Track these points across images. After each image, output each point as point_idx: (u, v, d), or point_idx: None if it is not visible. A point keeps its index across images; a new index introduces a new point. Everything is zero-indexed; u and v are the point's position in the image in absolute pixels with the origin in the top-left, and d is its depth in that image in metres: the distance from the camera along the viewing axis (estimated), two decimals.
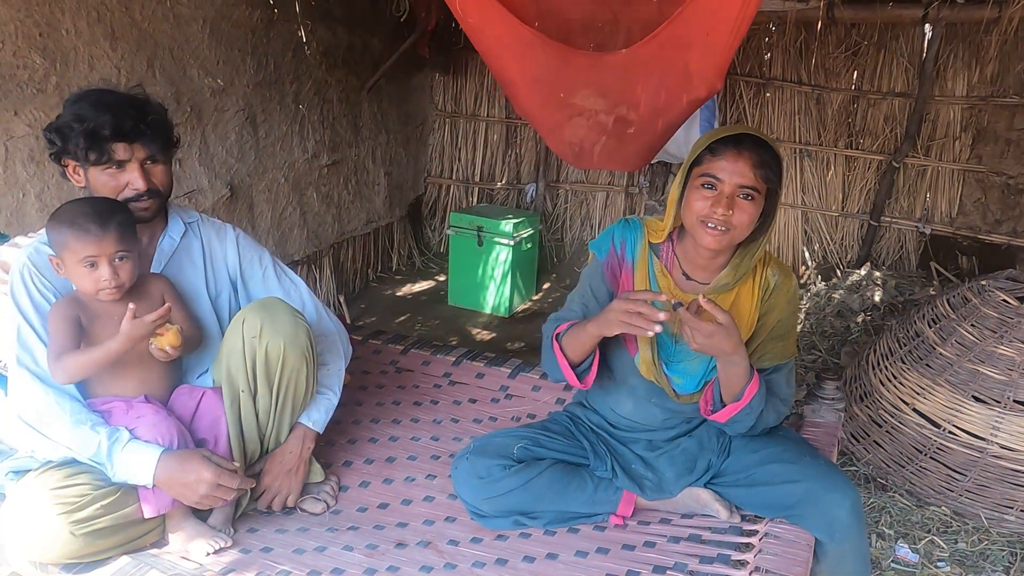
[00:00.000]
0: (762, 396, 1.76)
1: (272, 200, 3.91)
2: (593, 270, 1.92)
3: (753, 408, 1.75)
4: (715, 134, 1.71)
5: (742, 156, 1.66)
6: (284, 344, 1.77)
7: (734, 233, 1.70)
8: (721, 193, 1.67)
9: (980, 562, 2.48)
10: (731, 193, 1.67)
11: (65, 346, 1.65)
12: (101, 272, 1.65)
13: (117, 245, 1.65)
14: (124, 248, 1.67)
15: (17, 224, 2.65)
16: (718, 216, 1.67)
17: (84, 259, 1.64)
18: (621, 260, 1.88)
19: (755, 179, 1.67)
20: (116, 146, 1.71)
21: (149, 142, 1.75)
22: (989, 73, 4.00)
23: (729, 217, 1.66)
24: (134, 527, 1.66)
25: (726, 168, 1.67)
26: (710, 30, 2.44)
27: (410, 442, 2.25)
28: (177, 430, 1.71)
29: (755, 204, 1.69)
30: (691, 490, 1.86)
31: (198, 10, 3.28)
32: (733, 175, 1.66)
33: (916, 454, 2.80)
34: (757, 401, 1.75)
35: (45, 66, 2.67)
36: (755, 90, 4.50)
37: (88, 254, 1.64)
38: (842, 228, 4.58)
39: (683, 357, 1.86)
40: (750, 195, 1.67)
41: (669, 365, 1.86)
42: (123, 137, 1.71)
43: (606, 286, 1.90)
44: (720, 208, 1.66)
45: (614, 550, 1.75)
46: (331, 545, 1.77)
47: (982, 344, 2.78)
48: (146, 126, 1.74)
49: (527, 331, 4.35)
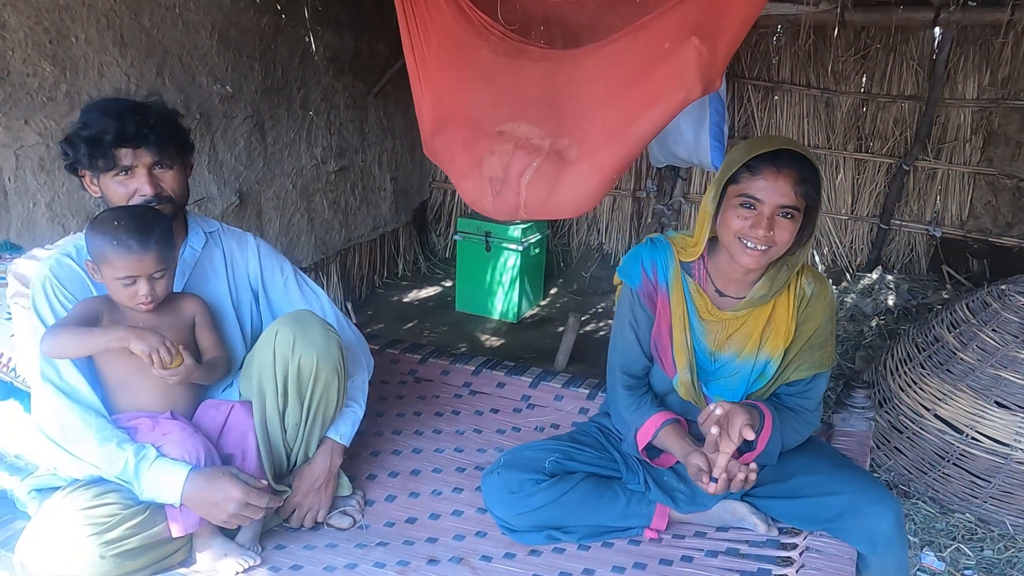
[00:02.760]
0: (777, 436, 1.75)
1: (280, 207, 3.88)
2: (630, 300, 1.88)
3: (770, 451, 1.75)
4: (751, 149, 1.65)
5: (781, 174, 1.61)
6: (317, 358, 1.74)
7: (773, 251, 1.66)
8: (761, 214, 1.62)
9: (1008, 570, 2.46)
10: (771, 214, 1.62)
11: (68, 324, 1.63)
12: (139, 288, 1.64)
13: (157, 264, 1.64)
14: (163, 267, 1.66)
15: (28, 234, 2.61)
16: (758, 236, 1.63)
17: (124, 277, 1.62)
18: (655, 285, 1.84)
19: (795, 198, 1.62)
20: (120, 152, 1.68)
21: (153, 147, 1.71)
22: (1000, 76, 3.99)
23: (771, 237, 1.63)
24: (162, 547, 1.62)
25: (765, 188, 1.62)
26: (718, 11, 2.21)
27: (434, 454, 2.22)
28: (204, 447, 1.68)
29: (794, 222, 1.65)
30: (726, 503, 1.83)
31: (206, 16, 3.25)
32: (773, 195, 1.61)
33: (939, 460, 2.77)
34: (774, 442, 1.75)
35: (55, 74, 2.63)
36: (764, 93, 4.48)
37: (129, 273, 1.62)
38: (852, 231, 4.56)
39: (722, 375, 1.83)
40: (789, 214, 1.63)
41: (708, 384, 1.83)
42: (126, 142, 1.68)
43: (647, 313, 1.86)
44: (761, 230, 1.62)
45: (651, 565, 1.72)
46: (361, 562, 1.74)
47: (1004, 349, 2.76)
48: (149, 131, 1.70)
49: (536, 337, 4.32)
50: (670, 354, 1.83)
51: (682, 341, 1.81)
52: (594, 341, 4.21)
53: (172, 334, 1.73)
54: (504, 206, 2.46)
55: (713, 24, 2.18)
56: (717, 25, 2.19)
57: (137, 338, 1.59)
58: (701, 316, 1.82)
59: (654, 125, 2.30)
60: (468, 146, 2.50)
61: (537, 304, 4.76)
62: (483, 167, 2.47)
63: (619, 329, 1.92)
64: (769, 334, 1.79)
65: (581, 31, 2.86)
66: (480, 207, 2.53)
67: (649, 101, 2.27)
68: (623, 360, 1.90)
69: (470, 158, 2.49)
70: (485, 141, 2.46)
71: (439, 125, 2.57)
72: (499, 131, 2.46)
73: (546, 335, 4.35)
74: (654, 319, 1.85)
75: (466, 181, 2.53)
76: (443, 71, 2.49)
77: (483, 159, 2.46)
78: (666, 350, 1.84)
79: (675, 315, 1.82)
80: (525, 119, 2.43)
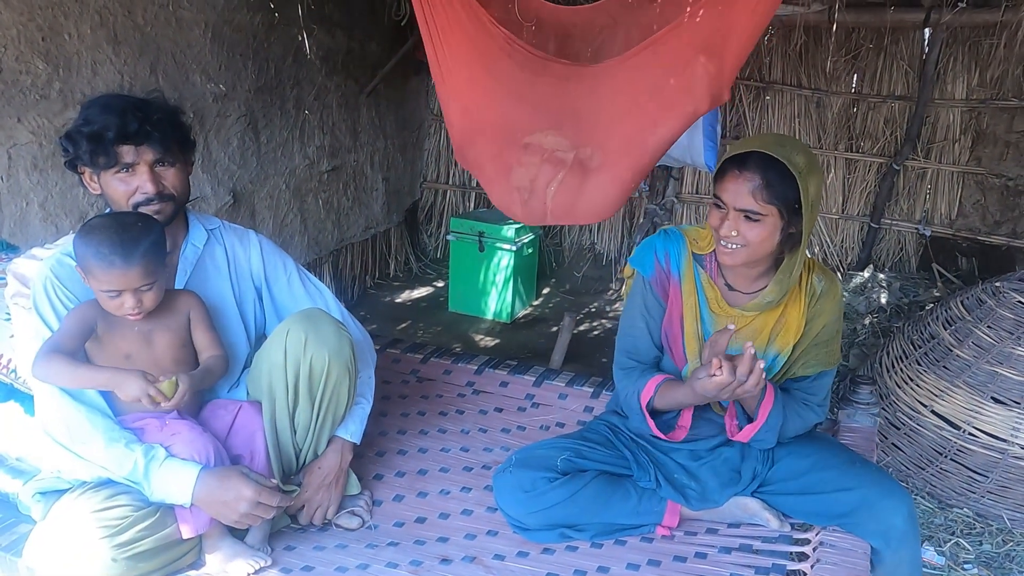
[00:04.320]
0: (779, 409, 1.75)
1: (274, 207, 3.84)
2: (643, 288, 1.88)
3: (771, 425, 1.75)
4: (732, 148, 1.69)
5: (742, 177, 1.62)
6: (329, 357, 1.72)
7: (749, 250, 1.68)
8: (727, 214, 1.66)
9: (1007, 564, 2.48)
10: (735, 216, 1.65)
11: (63, 345, 1.59)
12: (125, 301, 1.60)
13: (143, 279, 1.59)
14: (149, 280, 1.61)
15: (21, 234, 2.56)
16: (728, 236, 1.66)
17: (108, 291, 1.59)
18: (668, 274, 1.85)
19: (755, 202, 1.62)
20: (122, 149, 1.65)
21: (156, 144, 1.68)
22: (988, 76, 4.04)
23: (736, 237, 1.65)
24: (173, 548, 1.59)
25: (728, 190, 1.65)
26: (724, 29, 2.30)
27: (440, 453, 2.20)
28: (214, 446, 1.65)
29: (763, 224, 1.64)
30: (738, 499, 1.84)
31: (200, 14, 3.21)
32: (735, 197, 1.64)
33: (936, 456, 2.80)
34: (775, 416, 1.74)
35: (48, 71, 2.59)
36: (755, 94, 4.50)
37: (112, 287, 1.58)
38: (842, 230, 4.60)
39: None
40: (752, 216, 1.64)
41: None
42: (128, 139, 1.65)
43: (659, 302, 1.86)
44: (726, 229, 1.66)
45: (665, 562, 1.72)
46: (373, 562, 1.72)
47: (999, 345, 2.79)
48: (152, 127, 1.67)
49: (530, 337, 4.31)
50: (680, 344, 1.84)
51: (693, 331, 1.82)
52: (588, 341, 4.21)
53: (168, 334, 1.71)
54: (532, 213, 2.62)
55: (719, 43, 2.28)
56: (723, 43, 2.28)
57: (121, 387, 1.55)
58: (711, 309, 1.82)
59: (667, 137, 2.41)
60: (496, 158, 2.59)
61: (530, 304, 4.76)
62: (511, 177, 2.58)
63: (629, 317, 1.92)
64: (779, 331, 1.80)
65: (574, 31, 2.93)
66: (510, 213, 2.68)
67: (662, 115, 2.39)
68: (631, 347, 1.91)
69: (499, 168, 2.60)
70: (513, 153, 2.55)
71: (468, 136, 2.63)
72: (526, 143, 2.54)
73: (540, 335, 4.35)
74: (665, 308, 1.86)
75: (496, 189, 2.66)
76: (469, 82, 2.54)
77: (511, 170, 2.57)
78: (677, 340, 1.84)
79: (687, 305, 1.83)
80: (551, 129, 2.52)
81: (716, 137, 3.65)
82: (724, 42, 2.32)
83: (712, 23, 2.30)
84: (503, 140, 2.56)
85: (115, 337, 1.66)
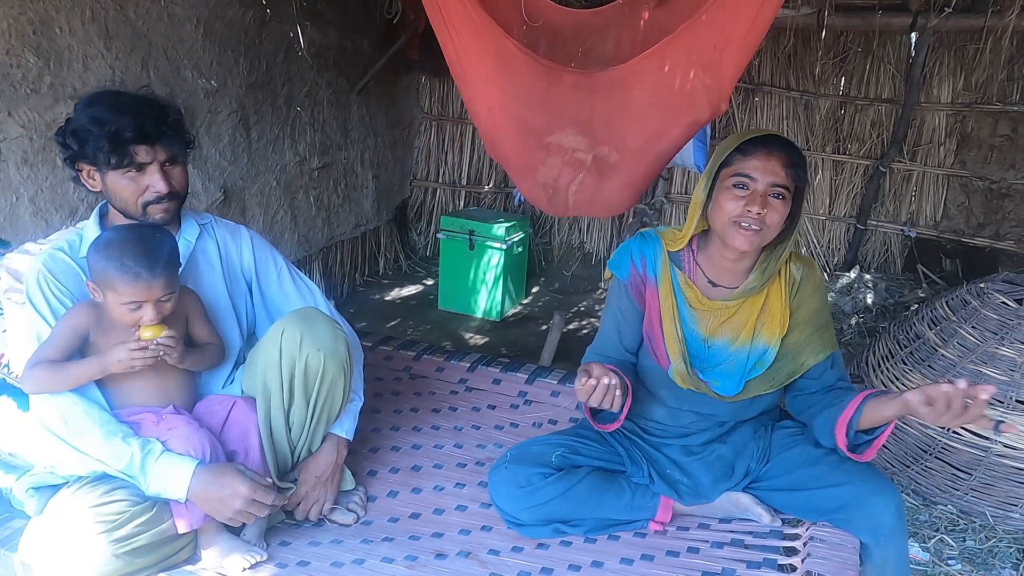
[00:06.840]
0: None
1: (264, 204, 3.84)
2: (618, 291, 1.92)
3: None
4: (740, 137, 1.74)
5: (773, 155, 1.69)
6: (324, 356, 1.73)
7: (765, 233, 1.71)
8: (755, 192, 1.68)
9: (989, 559, 2.52)
10: (764, 192, 1.68)
11: (49, 357, 1.59)
12: (145, 312, 1.59)
13: (165, 289, 1.60)
14: (171, 290, 1.62)
15: (11, 229, 2.55)
16: (752, 215, 1.68)
17: (130, 303, 1.58)
18: (644, 278, 1.87)
19: (786, 178, 1.69)
20: (138, 148, 1.65)
21: (170, 143, 1.70)
22: (974, 80, 4.09)
23: (763, 216, 1.68)
24: (169, 544, 1.59)
25: (758, 167, 1.68)
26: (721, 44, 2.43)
27: (433, 450, 2.21)
28: (210, 442, 1.65)
29: (785, 204, 1.71)
30: (730, 494, 1.86)
31: (192, 10, 3.20)
32: (766, 174, 1.68)
33: (921, 454, 2.84)
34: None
35: (39, 65, 2.57)
36: (744, 95, 4.54)
37: (135, 299, 1.58)
38: (829, 231, 4.65)
39: (717, 361, 1.85)
40: (781, 194, 1.69)
41: (704, 371, 1.85)
42: (145, 139, 1.65)
43: (634, 306, 1.89)
44: (755, 207, 1.67)
45: (659, 557, 1.74)
46: (369, 557, 1.73)
47: (983, 345, 2.84)
48: (167, 127, 1.68)
49: (520, 335, 4.33)
50: (662, 345, 1.86)
51: (672, 332, 1.84)
52: (577, 339, 4.23)
53: None
54: (556, 207, 2.96)
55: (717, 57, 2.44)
56: (719, 59, 2.44)
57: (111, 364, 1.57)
58: (692, 305, 1.85)
59: (673, 144, 2.64)
60: (522, 156, 2.84)
61: (519, 303, 4.77)
62: (537, 174, 2.84)
63: (604, 319, 1.97)
64: (764, 321, 1.83)
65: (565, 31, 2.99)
66: (537, 205, 3.06)
67: (668, 123, 2.60)
68: (600, 347, 1.95)
69: (525, 165, 2.86)
70: (538, 153, 2.78)
71: (495, 134, 2.83)
72: (549, 142, 2.73)
73: (530, 333, 4.36)
74: (642, 312, 1.88)
75: (524, 183, 2.97)
76: (490, 85, 2.66)
77: (537, 168, 2.82)
78: (658, 342, 1.86)
79: (664, 307, 1.85)
80: (571, 130, 2.71)
81: (706, 138, 3.69)
82: (720, 59, 2.45)
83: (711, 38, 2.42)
84: (526, 140, 2.76)
85: (112, 340, 1.64)
